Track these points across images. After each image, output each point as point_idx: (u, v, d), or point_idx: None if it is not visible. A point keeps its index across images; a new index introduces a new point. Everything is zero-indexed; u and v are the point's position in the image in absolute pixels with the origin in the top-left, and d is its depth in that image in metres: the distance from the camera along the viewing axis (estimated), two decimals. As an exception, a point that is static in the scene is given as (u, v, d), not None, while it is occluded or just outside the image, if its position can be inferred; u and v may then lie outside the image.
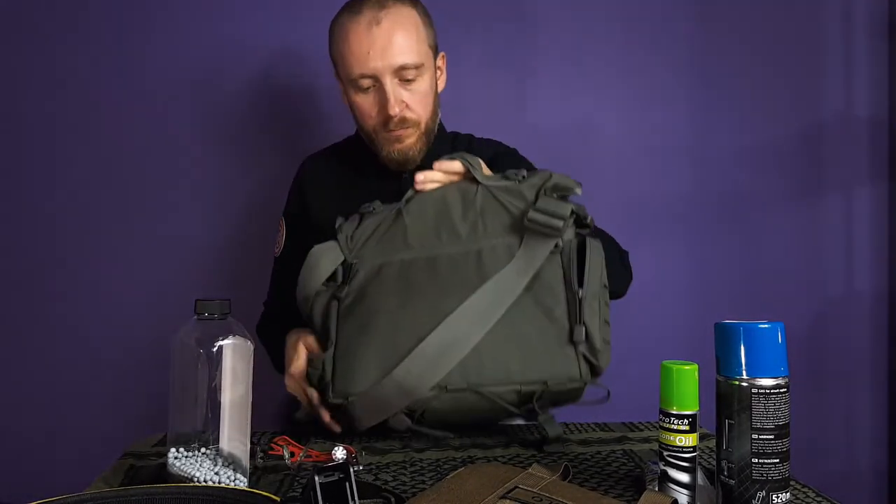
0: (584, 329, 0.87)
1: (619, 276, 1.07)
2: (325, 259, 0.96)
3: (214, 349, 0.71)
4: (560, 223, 0.89)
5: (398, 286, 0.91)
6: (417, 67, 1.07)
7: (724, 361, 0.67)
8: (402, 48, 1.05)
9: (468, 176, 0.96)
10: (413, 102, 1.09)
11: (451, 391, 0.87)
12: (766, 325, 0.66)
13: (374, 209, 0.98)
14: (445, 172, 0.95)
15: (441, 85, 1.18)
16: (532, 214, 0.89)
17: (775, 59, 1.69)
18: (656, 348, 1.19)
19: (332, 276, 0.96)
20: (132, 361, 1.55)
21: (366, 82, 1.07)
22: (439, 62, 1.16)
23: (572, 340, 0.87)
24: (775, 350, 0.65)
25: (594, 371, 0.89)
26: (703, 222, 1.66)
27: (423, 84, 1.10)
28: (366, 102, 1.10)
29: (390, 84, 1.06)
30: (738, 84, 1.68)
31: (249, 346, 0.74)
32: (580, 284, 0.88)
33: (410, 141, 1.11)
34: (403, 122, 1.09)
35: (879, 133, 1.71)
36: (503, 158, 1.19)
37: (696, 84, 1.68)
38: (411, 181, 1.09)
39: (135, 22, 1.56)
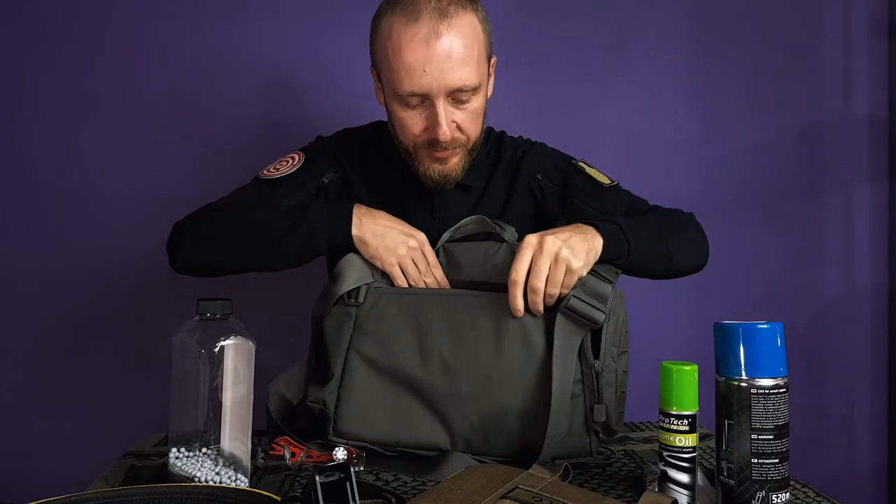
0: (604, 409, 0.82)
1: (679, 254, 0.99)
2: (355, 273, 0.91)
3: (216, 349, 0.71)
4: (602, 315, 0.82)
5: (414, 330, 0.87)
6: (474, 89, 0.96)
7: (723, 362, 0.67)
8: (461, 69, 0.93)
9: (496, 236, 0.93)
10: (464, 123, 0.98)
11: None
12: (765, 326, 0.66)
13: None
14: None
15: (490, 91, 1.05)
16: (573, 302, 0.82)
17: (775, 58, 1.69)
18: (656, 348, 1.19)
19: (352, 293, 0.91)
20: (133, 361, 1.55)
21: (414, 100, 0.96)
22: (490, 69, 1.04)
23: (587, 419, 0.84)
24: (774, 350, 0.65)
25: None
26: (703, 222, 1.65)
27: (476, 103, 0.98)
28: (410, 118, 0.98)
29: (443, 105, 0.95)
30: (738, 84, 1.68)
31: (251, 346, 0.74)
32: (596, 355, 0.83)
33: (454, 161, 1.01)
34: (452, 142, 0.98)
35: (879, 133, 1.71)
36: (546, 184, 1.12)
37: (696, 84, 1.67)
38: (444, 203, 1.06)
39: (133, 26, 1.56)
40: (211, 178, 1.57)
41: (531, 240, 0.83)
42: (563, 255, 0.81)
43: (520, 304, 0.83)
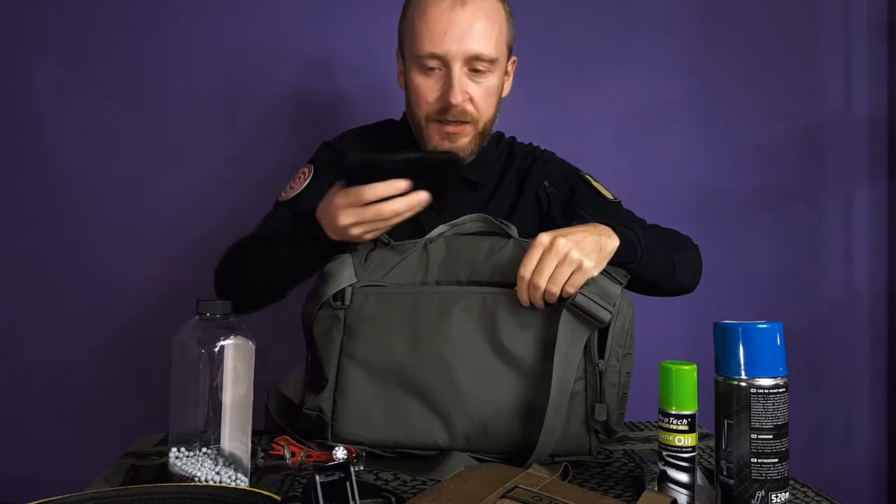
0: (606, 408, 0.83)
1: (678, 272, 1.01)
2: (342, 275, 0.90)
3: (216, 349, 0.71)
4: (608, 315, 0.82)
5: (408, 328, 0.86)
6: (491, 61, 1.00)
7: (723, 361, 0.67)
8: (480, 36, 0.99)
9: (503, 233, 0.93)
10: (477, 96, 1.01)
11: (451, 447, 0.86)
12: (764, 326, 0.66)
13: (390, 242, 0.93)
14: None
15: (506, 90, 1.09)
16: (579, 299, 0.82)
17: (775, 58, 1.69)
18: (656, 348, 1.19)
19: (337, 295, 0.90)
20: (133, 361, 1.55)
21: (433, 62, 0.99)
22: (509, 66, 1.09)
23: (587, 417, 0.84)
24: (774, 350, 0.66)
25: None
26: (703, 222, 1.66)
27: (491, 80, 1.02)
28: (426, 85, 1.01)
29: (458, 71, 0.99)
30: (738, 84, 1.68)
31: (251, 345, 0.75)
32: (601, 354, 0.83)
33: (464, 141, 1.03)
34: (463, 114, 1.01)
35: (879, 133, 1.71)
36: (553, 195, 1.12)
37: (695, 83, 1.67)
38: (453, 200, 1.06)
39: (151, 20, 1.56)
40: (217, 181, 1.57)
41: (543, 238, 0.84)
42: (572, 256, 0.82)
43: (525, 297, 0.84)
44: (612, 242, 0.86)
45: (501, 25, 1.02)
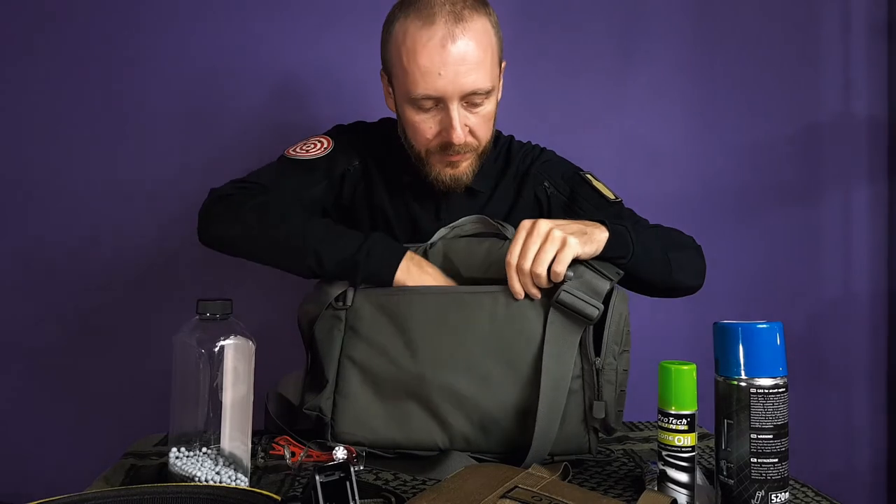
0: (604, 405, 0.83)
1: (679, 269, 1.00)
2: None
3: (216, 349, 0.71)
4: (595, 311, 0.81)
5: (408, 330, 0.86)
6: (487, 93, 0.97)
7: (722, 361, 0.67)
8: (476, 72, 0.94)
9: (500, 234, 0.93)
10: (476, 126, 0.99)
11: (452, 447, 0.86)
12: (764, 326, 0.66)
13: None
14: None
15: (499, 96, 1.05)
16: (563, 296, 0.81)
17: (774, 58, 1.69)
18: (655, 348, 1.19)
19: (339, 296, 0.91)
20: (133, 361, 1.55)
21: (428, 103, 0.96)
22: (501, 74, 1.05)
23: (586, 416, 0.84)
24: (774, 350, 0.66)
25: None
26: (702, 222, 1.66)
27: (488, 107, 0.99)
28: (423, 121, 0.98)
29: (457, 109, 0.95)
30: (737, 83, 1.68)
31: (251, 345, 0.75)
32: (597, 352, 0.83)
33: (465, 164, 1.02)
34: (464, 146, 0.99)
35: (878, 133, 1.71)
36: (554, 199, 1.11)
37: (695, 83, 1.68)
38: (450, 207, 1.06)
39: (140, 24, 1.56)
40: (216, 180, 1.57)
41: (525, 223, 0.84)
42: (555, 234, 0.81)
43: (517, 286, 0.83)
44: (600, 233, 0.86)
45: (493, 47, 0.98)
